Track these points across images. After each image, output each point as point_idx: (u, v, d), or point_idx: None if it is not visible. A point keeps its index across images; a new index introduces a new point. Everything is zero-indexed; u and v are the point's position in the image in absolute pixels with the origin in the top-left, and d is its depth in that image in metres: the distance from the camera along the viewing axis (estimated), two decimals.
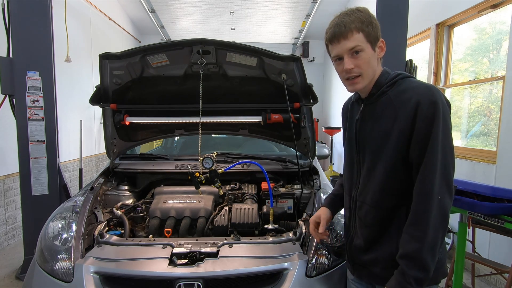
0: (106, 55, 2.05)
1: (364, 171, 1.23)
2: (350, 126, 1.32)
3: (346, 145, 1.35)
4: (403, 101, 1.11)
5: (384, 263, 1.20)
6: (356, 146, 1.27)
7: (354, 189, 1.29)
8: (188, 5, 7.05)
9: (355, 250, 1.30)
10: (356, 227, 1.29)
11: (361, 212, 1.25)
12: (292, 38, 9.01)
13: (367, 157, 1.22)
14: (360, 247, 1.27)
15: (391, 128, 1.13)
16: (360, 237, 1.27)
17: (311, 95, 2.29)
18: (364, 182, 1.23)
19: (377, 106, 1.19)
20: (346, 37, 1.11)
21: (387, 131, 1.14)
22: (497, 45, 3.43)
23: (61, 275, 1.58)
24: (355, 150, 1.28)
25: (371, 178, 1.20)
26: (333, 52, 1.17)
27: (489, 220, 1.89)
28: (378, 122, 1.18)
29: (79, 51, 5.54)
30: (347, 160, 1.35)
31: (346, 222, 1.37)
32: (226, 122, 2.50)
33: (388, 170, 1.15)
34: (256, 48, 2.06)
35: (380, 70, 1.20)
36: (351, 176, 1.32)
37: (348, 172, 1.34)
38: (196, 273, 1.50)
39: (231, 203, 2.18)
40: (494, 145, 3.21)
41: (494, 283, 2.99)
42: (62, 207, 2.01)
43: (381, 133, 1.16)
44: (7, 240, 3.87)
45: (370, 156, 1.21)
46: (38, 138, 3.04)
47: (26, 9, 2.90)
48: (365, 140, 1.23)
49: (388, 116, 1.15)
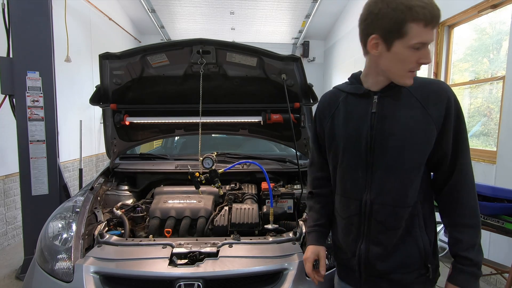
0: (106, 55, 2.05)
1: (382, 169, 1.11)
2: (353, 123, 1.16)
3: (346, 145, 1.17)
4: (428, 94, 1.08)
5: (410, 266, 1.13)
6: (368, 144, 1.12)
7: (366, 193, 1.14)
8: (188, 5, 7.05)
9: (372, 260, 1.15)
10: (371, 234, 1.15)
11: (380, 215, 1.12)
12: (292, 38, 9.02)
13: (389, 154, 1.10)
14: (379, 255, 1.14)
15: (420, 120, 1.07)
16: (378, 244, 1.14)
17: (311, 95, 2.30)
18: (383, 182, 1.11)
19: (397, 99, 1.10)
20: (437, 26, 1.01)
21: (415, 123, 1.08)
22: (497, 45, 3.43)
23: (61, 275, 1.57)
24: (365, 149, 1.13)
25: (393, 175, 1.10)
26: (422, 36, 0.98)
27: (489, 220, 1.90)
28: (404, 115, 1.09)
29: (79, 51, 5.54)
30: (348, 163, 1.17)
31: (352, 232, 1.19)
32: (226, 122, 2.50)
33: (416, 164, 1.10)
34: (256, 48, 2.06)
35: None
36: (356, 179, 1.16)
37: (351, 176, 1.17)
38: (196, 273, 1.50)
39: (231, 203, 2.18)
40: (494, 145, 3.21)
41: (494, 283, 2.99)
42: (62, 207, 2.01)
43: (409, 126, 1.08)
44: (7, 240, 3.87)
45: (394, 151, 1.09)
46: (38, 138, 3.04)
47: (26, 9, 2.90)
48: (385, 135, 1.10)
49: (413, 108, 1.08)
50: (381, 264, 1.14)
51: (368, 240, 1.15)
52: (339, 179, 1.22)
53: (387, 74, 1.08)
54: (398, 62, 1.03)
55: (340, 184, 1.23)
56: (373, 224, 1.14)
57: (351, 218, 1.18)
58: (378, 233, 1.14)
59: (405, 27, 0.98)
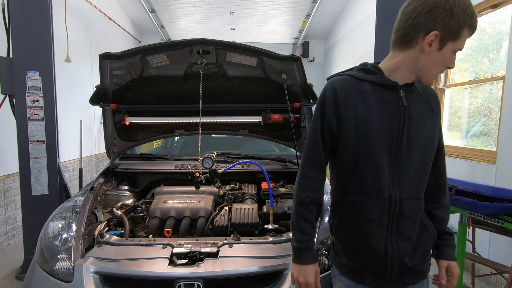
0: (106, 55, 2.05)
1: (408, 164, 1.10)
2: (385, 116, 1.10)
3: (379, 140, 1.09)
4: (428, 94, 1.18)
5: (427, 255, 1.20)
6: (399, 139, 1.09)
7: (394, 190, 1.10)
8: (188, 5, 7.05)
9: (402, 257, 1.12)
10: (399, 230, 1.12)
11: (407, 210, 1.12)
12: (292, 38, 9.02)
13: (414, 148, 1.10)
14: (407, 250, 1.13)
15: (432, 118, 1.15)
16: (406, 239, 1.13)
17: (311, 95, 2.30)
18: (409, 177, 1.11)
19: (416, 95, 1.14)
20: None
21: (429, 120, 1.14)
22: (497, 45, 3.43)
23: (61, 275, 1.57)
24: (395, 143, 1.09)
25: (416, 169, 1.12)
26: (462, 42, 1.04)
27: (489, 220, 1.89)
28: (424, 110, 1.14)
29: (79, 51, 5.54)
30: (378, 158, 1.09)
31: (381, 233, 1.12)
32: (226, 122, 2.50)
33: (432, 156, 1.17)
34: (256, 48, 2.06)
35: None
36: (383, 177, 1.09)
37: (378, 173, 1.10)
38: (196, 273, 1.50)
39: (231, 203, 2.18)
40: (494, 145, 3.21)
41: (494, 283, 2.99)
42: (62, 207, 2.01)
43: (427, 121, 1.13)
44: (7, 240, 3.87)
45: (418, 146, 1.11)
46: (38, 138, 3.04)
47: (26, 9, 2.90)
48: (412, 130, 1.09)
49: (424, 105, 1.15)
50: (410, 259, 1.14)
51: (396, 237, 1.12)
52: (361, 178, 1.11)
53: (422, 72, 1.08)
54: (440, 63, 1.06)
55: (359, 184, 1.12)
56: (401, 220, 1.12)
57: (381, 218, 1.11)
58: (406, 228, 1.13)
59: (462, 31, 1.01)
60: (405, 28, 1.06)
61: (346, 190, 1.16)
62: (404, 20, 1.06)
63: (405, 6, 1.07)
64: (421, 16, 1.02)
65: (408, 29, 1.05)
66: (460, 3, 0.99)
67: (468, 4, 1.00)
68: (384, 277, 1.14)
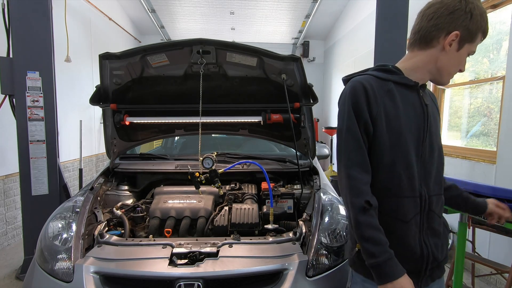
0: (106, 55, 2.05)
1: (432, 160, 1.15)
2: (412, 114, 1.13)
3: (410, 138, 1.11)
4: (432, 95, 1.25)
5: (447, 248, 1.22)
6: (424, 136, 1.13)
7: (423, 187, 1.12)
8: (188, 5, 7.05)
9: (434, 253, 1.14)
10: (429, 227, 1.15)
11: (436, 206, 1.16)
12: (292, 38, 9.01)
13: (435, 145, 1.16)
14: (438, 246, 1.16)
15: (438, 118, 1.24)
16: (435, 235, 1.16)
17: (311, 95, 2.30)
18: (433, 173, 1.16)
19: (427, 96, 1.21)
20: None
21: (438, 120, 1.23)
22: (497, 45, 3.43)
23: (61, 275, 1.58)
24: (421, 141, 1.12)
25: (437, 166, 1.17)
26: (476, 46, 1.12)
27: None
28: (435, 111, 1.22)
29: (79, 51, 5.54)
30: (409, 157, 1.10)
31: (415, 231, 1.12)
32: (226, 122, 2.50)
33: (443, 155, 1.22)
34: (256, 48, 2.06)
35: None
36: (413, 175, 1.10)
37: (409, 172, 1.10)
38: (196, 273, 1.50)
39: (231, 203, 2.18)
40: (494, 145, 3.21)
41: (494, 283, 2.99)
42: (62, 207, 2.01)
43: (437, 121, 1.22)
44: (7, 240, 3.87)
45: (438, 142, 1.18)
46: (38, 138, 3.04)
47: (26, 9, 2.90)
48: (432, 127, 1.16)
49: (434, 106, 1.23)
50: (441, 253, 1.18)
51: (427, 233, 1.14)
52: (396, 178, 1.10)
53: (440, 71, 1.14)
54: (456, 63, 1.13)
55: (397, 184, 1.10)
56: (430, 216, 1.14)
57: (415, 217, 1.11)
58: (434, 224, 1.16)
59: (477, 35, 1.09)
60: (427, 28, 1.11)
61: (382, 193, 1.10)
62: (425, 21, 1.12)
63: (426, 8, 1.13)
64: (443, 17, 1.08)
65: (430, 29, 1.10)
66: (478, 8, 1.07)
67: (484, 10, 1.09)
68: (419, 275, 1.13)
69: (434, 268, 1.18)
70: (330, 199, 2.00)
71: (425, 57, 1.14)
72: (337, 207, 1.92)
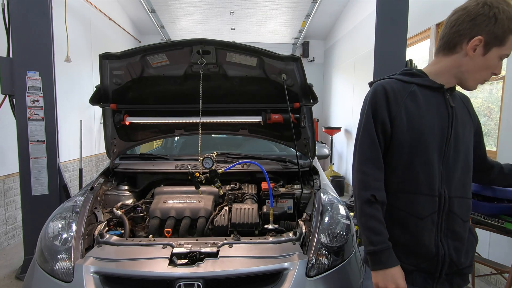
0: (106, 55, 2.05)
1: (457, 162, 1.16)
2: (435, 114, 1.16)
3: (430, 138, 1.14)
4: (466, 100, 1.29)
5: (473, 258, 1.22)
6: (448, 137, 1.15)
7: (443, 187, 1.14)
8: (188, 5, 7.05)
9: (453, 256, 1.15)
10: (449, 229, 1.15)
11: (458, 209, 1.15)
12: (292, 38, 9.01)
13: (461, 147, 1.16)
14: (458, 250, 1.16)
15: (470, 124, 1.25)
16: (456, 239, 1.15)
17: (311, 95, 2.29)
18: (458, 175, 1.16)
19: (457, 99, 1.23)
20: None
21: (470, 125, 1.24)
22: None
23: (61, 275, 1.57)
24: (444, 142, 1.14)
25: (462, 168, 1.17)
26: (509, 48, 1.10)
27: (489, 220, 1.90)
28: (465, 115, 1.24)
29: (79, 51, 5.54)
30: (429, 156, 1.13)
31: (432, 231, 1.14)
32: (226, 122, 2.50)
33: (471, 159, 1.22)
34: (256, 48, 2.06)
35: None
36: (434, 174, 1.13)
37: (429, 171, 1.13)
38: (196, 273, 1.50)
39: (231, 203, 2.18)
40: (494, 145, 3.21)
41: (494, 283, 2.99)
42: (62, 207, 2.01)
43: (468, 126, 1.23)
44: (7, 240, 3.87)
45: (465, 144, 1.18)
46: (38, 138, 3.04)
47: (26, 9, 2.90)
48: (459, 129, 1.17)
49: (466, 111, 1.25)
50: (461, 258, 1.17)
51: (446, 235, 1.15)
52: (413, 175, 1.14)
53: (465, 76, 1.16)
54: (484, 68, 1.13)
55: (413, 181, 1.14)
56: (451, 217, 1.14)
57: (432, 216, 1.13)
58: (456, 227, 1.16)
59: (508, 37, 1.08)
60: (450, 35, 1.15)
61: (399, 189, 1.17)
62: (448, 27, 1.15)
63: (450, 15, 1.17)
64: (465, 23, 1.10)
65: (452, 35, 1.14)
66: (505, 11, 1.07)
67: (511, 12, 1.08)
68: (434, 276, 1.15)
69: (453, 274, 1.17)
70: (330, 199, 2.00)
71: (449, 63, 1.17)
72: (337, 207, 1.92)
